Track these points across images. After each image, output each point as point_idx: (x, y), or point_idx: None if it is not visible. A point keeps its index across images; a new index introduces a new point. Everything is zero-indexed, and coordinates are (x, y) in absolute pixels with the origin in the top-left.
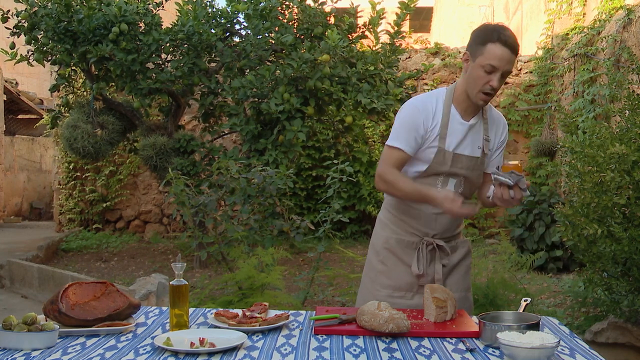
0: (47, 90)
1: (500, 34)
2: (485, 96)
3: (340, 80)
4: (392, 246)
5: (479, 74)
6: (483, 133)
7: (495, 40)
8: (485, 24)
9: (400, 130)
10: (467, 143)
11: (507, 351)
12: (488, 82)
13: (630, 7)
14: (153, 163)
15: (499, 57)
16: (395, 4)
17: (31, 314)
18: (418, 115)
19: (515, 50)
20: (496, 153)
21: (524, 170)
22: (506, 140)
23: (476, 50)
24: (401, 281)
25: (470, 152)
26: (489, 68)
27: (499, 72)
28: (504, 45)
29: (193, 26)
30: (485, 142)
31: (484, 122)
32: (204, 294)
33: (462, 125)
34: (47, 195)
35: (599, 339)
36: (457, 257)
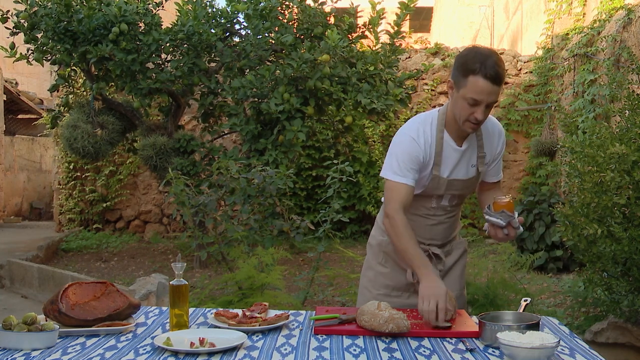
0: (47, 90)
1: (482, 66)
2: (473, 125)
3: (340, 80)
4: (390, 252)
5: (463, 105)
6: (477, 151)
7: (477, 73)
8: (469, 50)
9: (401, 163)
10: (461, 167)
11: (507, 351)
12: (472, 113)
13: (630, 7)
14: (153, 163)
15: (479, 90)
16: (395, 4)
17: (31, 314)
18: (416, 147)
19: (498, 81)
20: (494, 164)
21: (524, 170)
22: (503, 149)
23: (459, 81)
24: (399, 282)
25: (464, 175)
26: (471, 101)
27: (483, 104)
28: (485, 78)
29: (193, 26)
30: (480, 160)
31: (477, 140)
32: (204, 294)
33: (456, 151)
34: (47, 195)
35: (599, 339)
36: (452, 259)
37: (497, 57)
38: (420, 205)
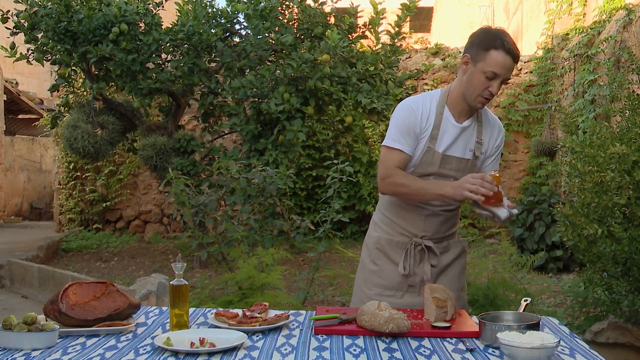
0: (47, 90)
1: (504, 42)
2: (485, 100)
3: (340, 80)
4: (383, 246)
5: (480, 79)
6: (476, 135)
7: (499, 48)
8: (486, 29)
9: (397, 131)
10: (458, 145)
11: (507, 351)
12: (487, 87)
13: (630, 7)
14: (153, 163)
15: (501, 64)
16: (395, 4)
17: (31, 314)
18: (413, 116)
19: (516, 58)
20: (490, 159)
21: (524, 170)
22: (502, 146)
23: (477, 55)
24: (391, 280)
25: (460, 154)
26: (490, 74)
27: (500, 78)
28: (507, 53)
29: (193, 26)
30: (477, 145)
31: (478, 124)
32: (204, 294)
33: (455, 127)
34: (47, 195)
35: (599, 339)
36: (449, 257)
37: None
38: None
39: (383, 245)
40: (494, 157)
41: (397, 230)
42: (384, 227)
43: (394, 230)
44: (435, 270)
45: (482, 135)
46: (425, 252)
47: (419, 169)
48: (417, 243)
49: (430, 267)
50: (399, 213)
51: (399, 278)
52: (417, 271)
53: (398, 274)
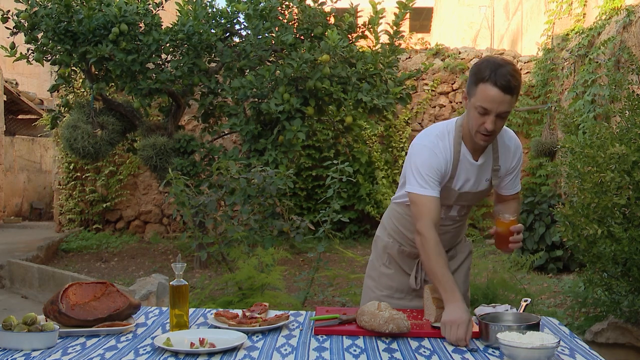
0: (47, 91)
1: (492, 73)
2: (484, 137)
3: (340, 80)
4: (394, 254)
5: (474, 114)
6: (492, 164)
7: (487, 80)
8: (483, 59)
9: (425, 176)
10: (475, 181)
11: (507, 351)
12: (482, 123)
13: (630, 8)
14: (153, 163)
15: (490, 98)
16: (395, 3)
17: (31, 314)
18: (436, 159)
19: (509, 90)
20: (509, 177)
21: (524, 170)
22: (520, 162)
23: (470, 90)
24: (402, 284)
25: (477, 188)
26: (481, 110)
27: (493, 114)
28: (494, 85)
29: (193, 26)
30: (494, 173)
31: (493, 152)
32: (204, 294)
33: (472, 165)
34: (47, 195)
35: (599, 340)
36: (456, 262)
37: (512, 67)
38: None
39: (393, 253)
40: (514, 175)
41: (408, 243)
42: (394, 236)
43: (405, 241)
44: None
45: (499, 162)
46: None
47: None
48: None
49: None
50: (407, 226)
51: (409, 283)
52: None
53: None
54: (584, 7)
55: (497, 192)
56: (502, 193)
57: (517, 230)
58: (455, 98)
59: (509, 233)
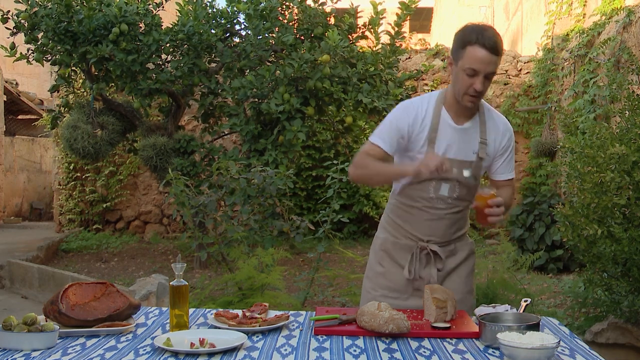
0: (47, 91)
1: (479, 36)
2: (472, 98)
3: (340, 81)
4: (388, 248)
5: (462, 77)
6: (480, 136)
7: (474, 42)
8: (466, 25)
9: (385, 129)
10: (460, 147)
11: (507, 352)
12: (471, 85)
13: (630, 8)
14: (153, 163)
15: (479, 59)
16: (395, 4)
17: (31, 314)
18: (406, 116)
19: (496, 51)
20: (501, 160)
21: (524, 170)
22: (511, 146)
23: (457, 54)
24: (396, 283)
25: (463, 156)
26: (470, 72)
27: (481, 74)
28: (482, 47)
29: (193, 26)
30: (481, 146)
31: (481, 125)
32: (204, 294)
33: (454, 129)
34: (47, 195)
35: (599, 340)
36: (456, 260)
37: (494, 30)
38: (418, 195)
39: (388, 247)
40: (505, 158)
41: (403, 234)
42: (390, 230)
43: (400, 233)
44: (442, 274)
45: (486, 135)
46: (431, 256)
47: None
48: (422, 247)
49: (436, 271)
50: (404, 217)
51: (404, 281)
52: (423, 275)
53: (403, 276)
54: (584, 7)
55: (490, 178)
56: (495, 178)
57: (496, 204)
58: None
59: (487, 206)
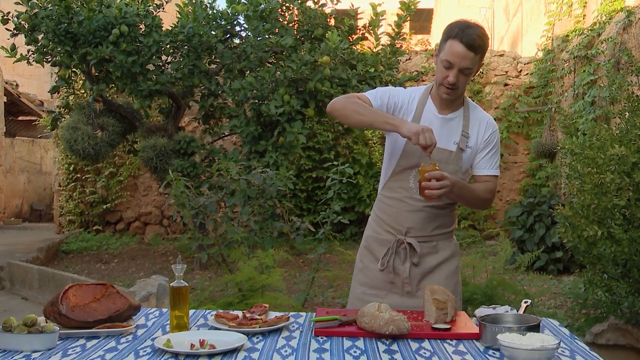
0: (47, 92)
1: (460, 31)
2: (447, 89)
3: (340, 82)
4: (370, 244)
5: (440, 68)
6: (462, 129)
7: (455, 37)
8: (456, 20)
9: (379, 91)
10: (441, 136)
11: (508, 353)
12: (446, 77)
13: (630, 9)
14: (153, 164)
15: (454, 53)
16: (395, 5)
17: (31, 315)
18: (401, 93)
19: (472, 48)
20: (482, 154)
21: (524, 172)
22: (494, 142)
23: (441, 46)
24: (374, 279)
25: (443, 145)
26: (446, 64)
27: (456, 68)
28: (460, 42)
29: (193, 28)
30: (463, 138)
31: (464, 119)
32: (204, 295)
33: (437, 117)
34: (47, 196)
35: (600, 341)
36: (437, 258)
37: (480, 30)
38: (399, 186)
39: (370, 243)
40: (487, 153)
41: (384, 228)
42: (373, 225)
43: (382, 228)
44: (420, 271)
45: (468, 129)
46: (406, 248)
47: (403, 161)
48: (400, 241)
49: (410, 265)
50: (386, 210)
51: (381, 276)
52: (399, 270)
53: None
54: (584, 8)
55: (473, 174)
56: (476, 173)
57: (434, 177)
58: None
59: (423, 179)
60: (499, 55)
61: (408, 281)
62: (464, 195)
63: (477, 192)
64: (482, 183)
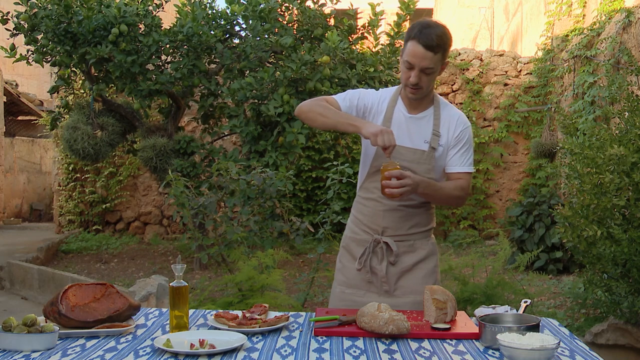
0: (47, 92)
1: (418, 32)
2: (411, 89)
3: (340, 82)
4: (348, 244)
5: (403, 69)
6: (433, 128)
7: (413, 37)
8: (419, 20)
9: (348, 94)
10: (411, 136)
11: (507, 353)
12: (408, 77)
13: (629, 9)
14: (153, 164)
15: (412, 53)
16: (394, 5)
17: (31, 315)
18: (372, 95)
19: (431, 48)
20: (454, 151)
21: (524, 172)
22: (465, 139)
23: (403, 47)
24: (352, 278)
25: (412, 144)
26: (407, 65)
27: (416, 68)
28: (418, 42)
29: (192, 27)
30: (434, 137)
31: (434, 117)
32: (204, 295)
33: (407, 117)
34: (47, 196)
35: (599, 341)
36: (414, 258)
37: (441, 29)
38: (374, 186)
39: (348, 243)
40: (458, 150)
41: (361, 228)
42: (351, 226)
43: (359, 228)
44: (398, 270)
45: (439, 127)
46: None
47: (376, 162)
48: (377, 240)
49: (387, 264)
50: (363, 210)
51: (359, 275)
52: (377, 269)
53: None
54: (583, 8)
55: (445, 171)
56: (448, 170)
57: (394, 176)
58: (455, 99)
59: (384, 178)
60: (498, 55)
61: (385, 280)
62: (432, 194)
63: (446, 190)
64: (453, 181)
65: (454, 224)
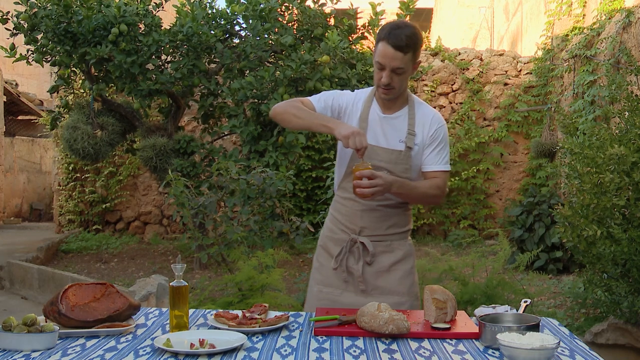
0: (47, 92)
1: (388, 33)
2: (383, 90)
3: (340, 82)
4: (325, 243)
5: (375, 70)
6: (408, 127)
7: (383, 38)
8: (389, 22)
9: (323, 95)
10: (386, 135)
11: (507, 352)
12: (380, 78)
13: (629, 9)
14: (153, 164)
15: (383, 54)
16: (394, 5)
17: (31, 315)
18: (347, 96)
19: (400, 48)
20: (429, 149)
21: (524, 171)
22: (440, 137)
23: (375, 48)
24: (330, 277)
25: (388, 144)
26: (378, 65)
27: (387, 69)
28: (387, 43)
29: (192, 27)
30: (409, 136)
31: (409, 117)
32: (204, 295)
33: (381, 117)
34: (47, 196)
35: (599, 340)
36: (392, 258)
37: (411, 30)
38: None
39: (326, 242)
40: (434, 149)
41: (339, 227)
42: (329, 225)
43: (337, 227)
44: (375, 270)
45: (414, 127)
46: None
47: (352, 162)
48: (354, 240)
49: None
50: (341, 210)
51: (336, 274)
52: (353, 269)
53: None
54: (583, 7)
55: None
56: (424, 169)
57: (366, 176)
58: (455, 99)
59: (355, 178)
60: (498, 54)
61: (362, 280)
62: (407, 193)
63: (421, 189)
64: (429, 180)
65: (453, 223)
